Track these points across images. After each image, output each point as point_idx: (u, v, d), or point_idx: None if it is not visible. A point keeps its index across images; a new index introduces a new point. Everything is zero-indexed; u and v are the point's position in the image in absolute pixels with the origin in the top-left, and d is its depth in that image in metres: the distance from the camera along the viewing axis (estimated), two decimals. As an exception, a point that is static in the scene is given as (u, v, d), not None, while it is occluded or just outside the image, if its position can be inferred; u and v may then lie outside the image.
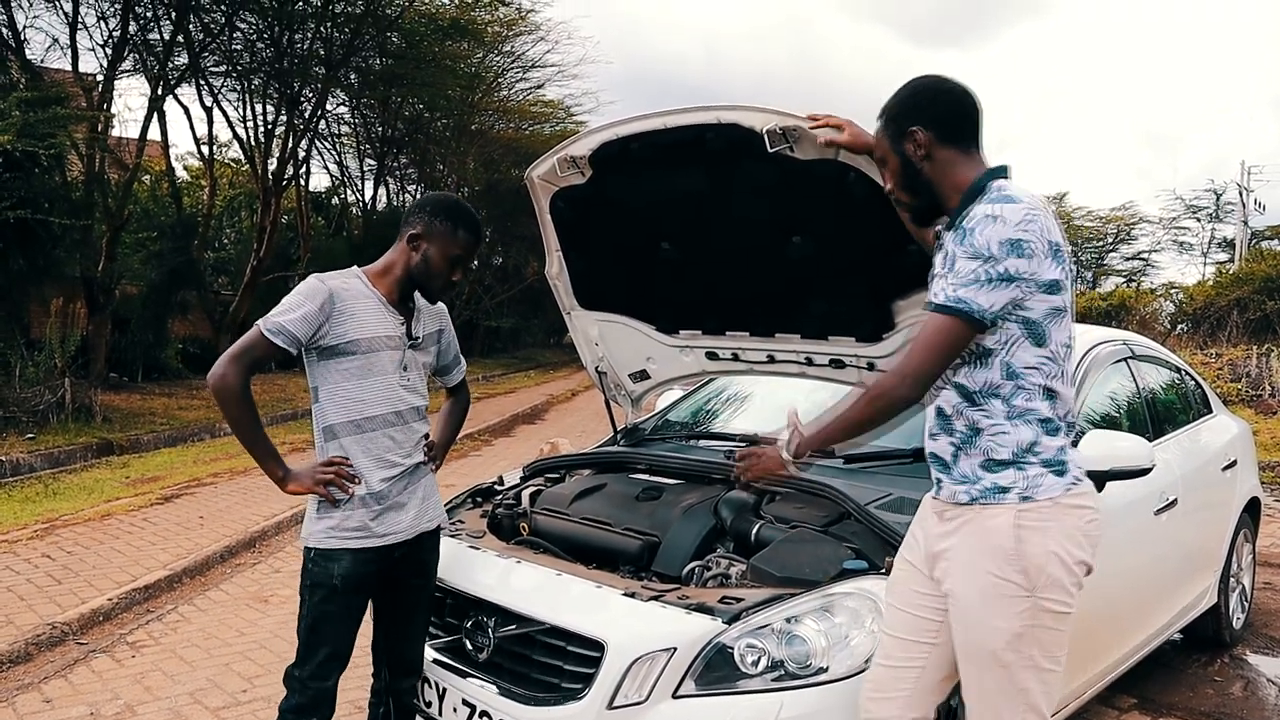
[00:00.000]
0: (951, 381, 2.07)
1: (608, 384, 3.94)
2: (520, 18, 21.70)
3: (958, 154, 2.07)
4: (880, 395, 2.05)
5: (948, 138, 2.07)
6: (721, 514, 2.97)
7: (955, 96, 2.09)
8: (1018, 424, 2.02)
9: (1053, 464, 2.02)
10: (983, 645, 2.02)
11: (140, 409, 12.55)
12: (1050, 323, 1.99)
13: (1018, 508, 1.99)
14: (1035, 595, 1.98)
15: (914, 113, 2.08)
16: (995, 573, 1.99)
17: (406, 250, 2.61)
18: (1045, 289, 1.96)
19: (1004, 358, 2.01)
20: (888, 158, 2.15)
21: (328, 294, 2.52)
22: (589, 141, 3.10)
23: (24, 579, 5.45)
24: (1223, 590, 4.37)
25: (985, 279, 1.92)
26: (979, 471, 2.04)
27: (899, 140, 2.10)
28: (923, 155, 2.07)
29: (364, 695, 2.97)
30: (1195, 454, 4.10)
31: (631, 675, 2.33)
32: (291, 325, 2.47)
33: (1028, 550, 1.98)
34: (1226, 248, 38.04)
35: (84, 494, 8.06)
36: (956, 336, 1.97)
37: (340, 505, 2.55)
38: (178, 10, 14.50)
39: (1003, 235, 1.90)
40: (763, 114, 2.66)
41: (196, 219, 17.67)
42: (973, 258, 1.93)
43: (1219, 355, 16.35)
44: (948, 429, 2.10)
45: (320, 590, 2.55)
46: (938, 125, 2.06)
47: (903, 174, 2.12)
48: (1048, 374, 2.01)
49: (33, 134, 10.24)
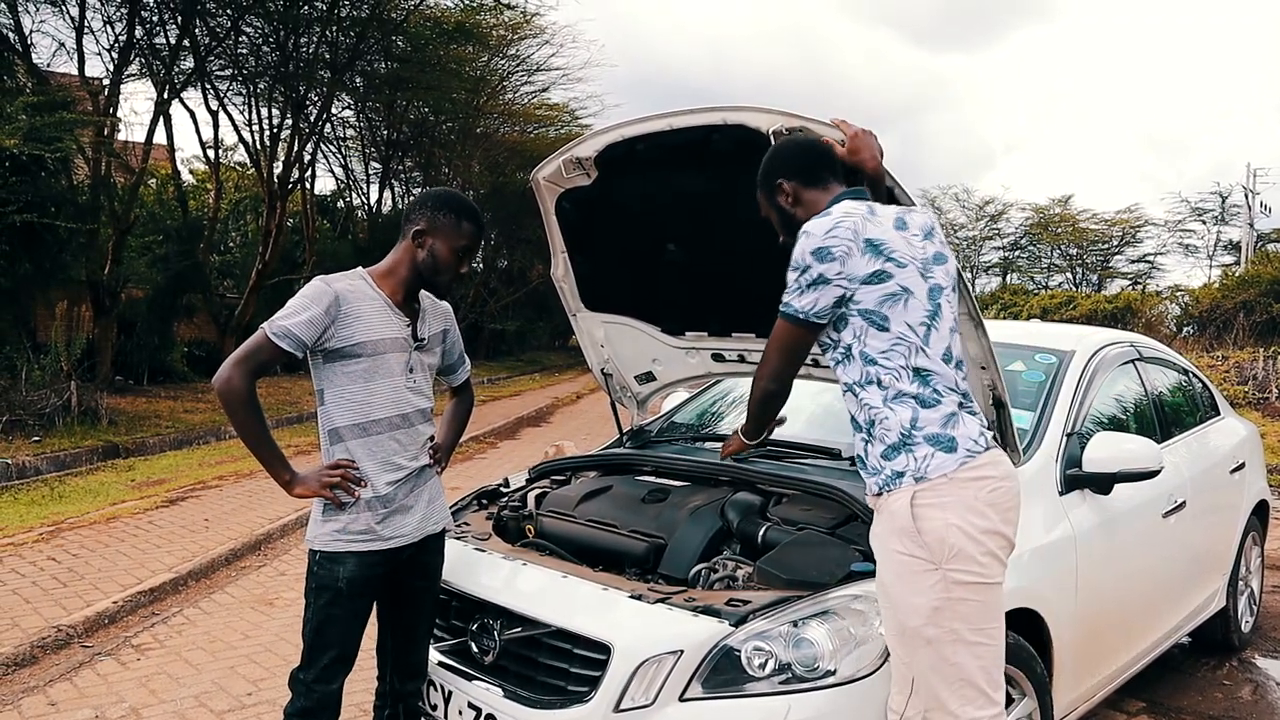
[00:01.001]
0: (843, 384, 2.30)
1: (613, 386, 3.93)
2: (525, 21, 21.74)
3: (819, 193, 2.35)
4: (753, 385, 2.42)
5: (809, 180, 2.36)
6: (728, 516, 2.96)
7: (807, 146, 2.41)
8: (894, 406, 2.20)
9: (939, 440, 2.17)
10: (905, 623, 2.15)
11: (146, 412, 12.58)
12: (888, 307, 2.20)
13: (914, 489, 2.15)
14: (943, 568, 2.11)
15: (776, 170, 2.40)
16: (901, 550, 2.15)
17: (411, 248, 2.60)
18: (865, 280, 2.18)
19: (860, 349, 2.23)
20: (770, 212, 2.45)
21: (333, 297, 2.51)
22: (595, 143, 3.09)
23: (29, 581, 5.46)
24: (1231, 593, 4.35)
25: (799, 286, 2.21)
26: (881, 462, 2.21)
27: (773, 195, 2.41)
28: (793, 201, 2.38)
29: (369, 699, 2.96)
30: (1203, 456, 4.08)
31: (638, 678, 2.32)
32: (297, 329, 2.46)
33: (926, 526, 2.12)
34: (1232, 250, 37.94)
35: (89, 497, 8.07)
36: (789, 335, 2.27)
37: (346, 508, 2.55)
38: (184, 14, 14.55)
39: (808, 246, 2.19)
40: (769, 115, 2.65)
41: (202, 222, 17.74)
42: (792, 269, 2.23)
43: (1225, 358, 16.30)
44: (856, 427, 2.30)
45: (325, 593, 2.55)
46: (796, 173, 2.37)
47: (783, 222, 2.41)
48: (905, 353, 2.20)
49: (39, 138, 10.27)
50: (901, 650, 2.19)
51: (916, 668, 2.16)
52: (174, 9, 14.72)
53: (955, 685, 2.13)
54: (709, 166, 2.91)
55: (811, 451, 3.39)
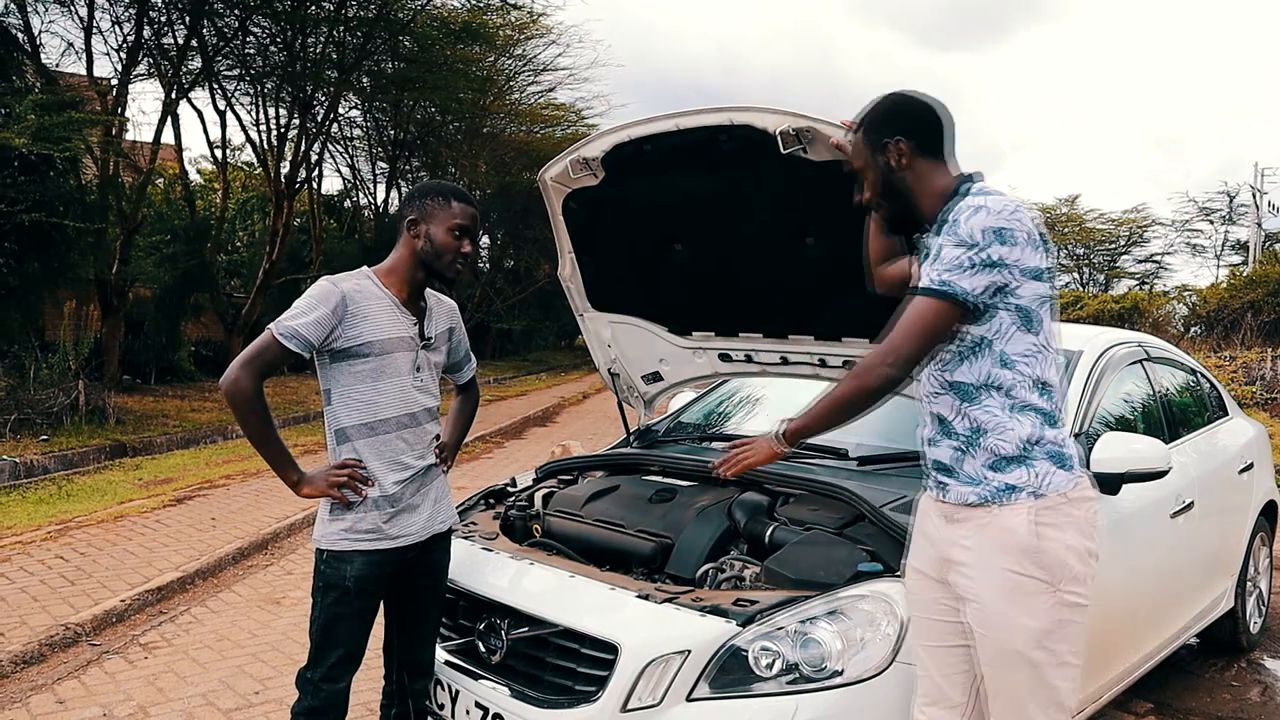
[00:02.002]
0: (949, 382, 2.10)
1: (620, 386, 3.94)
2: (532, 21, 21.73)
3: (933, 164, 2.16)
4: (867, 372, 2.07)
5: (924, 149, 2.15)
6: (735, 516, 2.96)
7: (932, 110, 2.18)
8: (1018, 417, 2.04)
9: (1057, 458, 2.04)
10: (1009, 645, 2.02)
11: (153, 411, 12.61)
12: (1040, 308, 2.04)
13: (1032, 505, 2.01)
14: (1058, 590, 2.00)
15: (895, 124, 2.16)
16: (1017, 570, 2.00)
17: (409, 239, 2.62)
18: (1032, 275, 2.01)
19: (999, 346, 2.05)
20: (868, 167, 2.21)
21: (340, 297, 2.51)
22: (602, 143, 3.10)
23: (38, 580, 5.48)
24: (1239, 594, 4.34)
25: (970, 264, 1.98)
26: (986, 472, 2.06)
27: (880, 151, 2.17)
28: (903, 165, 2.15)
29: (376, 697, 2.97)
30: (1211, 456, 4.07)
31: (645, 678, 2.32)
32: (304, 329, 2.47)
33: (1047, 546, 1.99)
34: (1240, 250, 37.81)
35: (97, 495, 8.10)
36: (940, 318, 2.02)
37: (354, 507, 2.55)
38: (191, 15, 14.57)
39: (987, 223, 1.98)
40: (776, 115, 2.65)
41: (210, 222, 17.76)
42: (958, 245, 1.99)
43: (1233, 358, 16.25)
44: (948, 433, 2.12)
45: (333, 592, 2.55)
46: (915, 137, 2.15)
47: (883, 183, 2.20)
48: (1040, 363, 2.05)
49: (48, 137, 10.29)
50: (995, 670, 2.07)
51: (1011, 688, 2.05)
52: (182, 9, 14.75)
53: (1049, 709, 2.04)
54: (716, 167, 2.91)
55: (819, 452, 3.39)
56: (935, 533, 2.17)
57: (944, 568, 2.14)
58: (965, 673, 2.19)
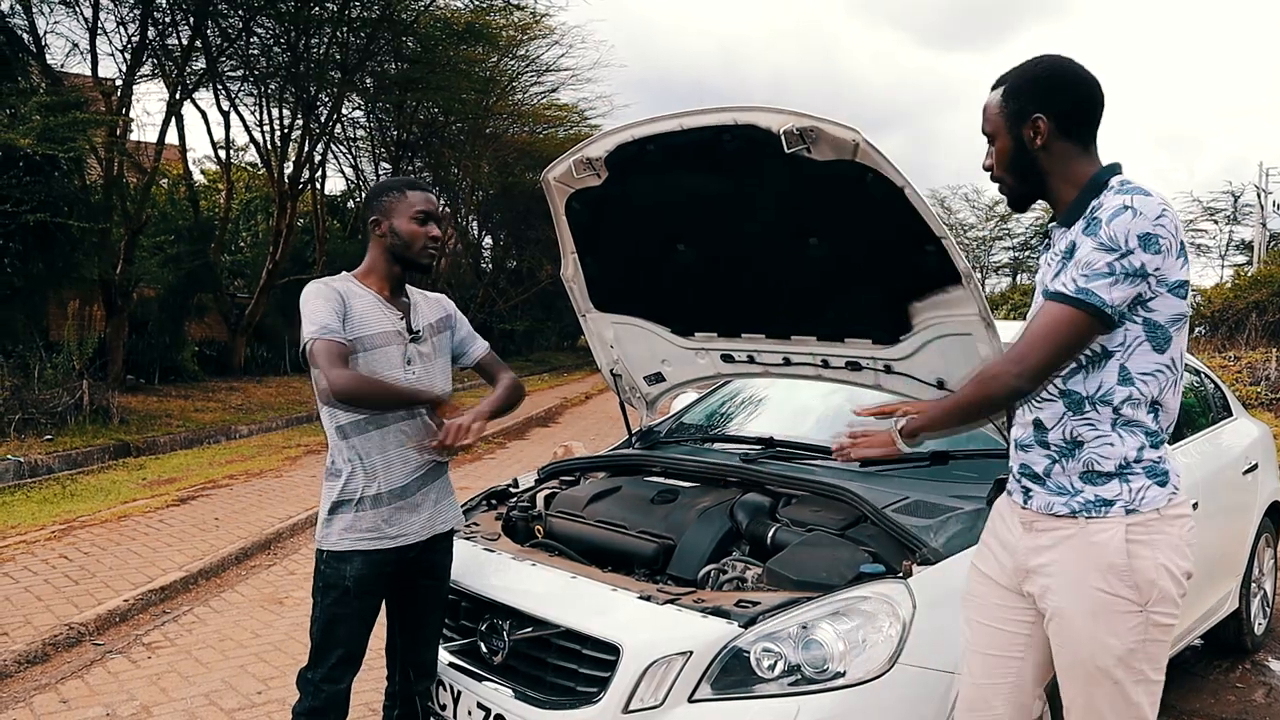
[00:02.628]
0: (1061, 390, 1.97)
1: (623, 386, 3.93)
2: (535, 22, 21.74)
3: (1076, 148, 1.98)
4: (993, 379, 1.93)
5: (1070, 131, 1.97)
6: (737, 517, 2.96)
7: (1087, 89, 1.97)
8: (1123, 435, 1.93)
9: (1155, 474, 1.93)
10: (1092, 662, 1.94)
11: (157, 411, 12.62)
12: (1175, 328, 1.91)
13: (1126, 521, 1.90)
14: (1147, 610, 1.90)
15: (1041, 98, 1.96)
16: (1105, 589, 1.91)
17: (377, 239, 2.67)
18: (1173, 290, 1.87)
19: (1122, 360, 1.91)
20: (1000, 136, 2.03)
21: (336, 293, 2.56)
22: (605, 143, 3.09)
23: (41, 579, 5.49)
24: (1244, 595, 4.32)
25: (1113, 272, 1.81)
26: (1078, 483, 1.95)
27: (1018, 123, 1.98)
28: (1040, 144, 1.97)
29: (378, 698, 2.97)
30: (1216, 457, 4.06)
31: (647, 679, 2.32)
32: (332, 321, 2.50)
33: (1139, 565, 1.90)
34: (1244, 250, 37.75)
35: (101, 495, 8.11)
36: (1079, 331, 1.85)
37: (352, 506, 2.55)
38: (196, 16, 14.60)
39: (1139, 228, 1.81)
40: (779, 115, 2.64)
41: (213, 222, 17.80)
42: (1104, 249, 1.82)
43: (1237, 358, 16.21)
44: (1042, 442, 2.01)
45: (333, 592, 2.56)
46: (1063, 117, 1.96)
47: (1014, 158, 2.02)
48: (1162, 383, 1.92)
49: (53, 138, 10.32)
50: (1074, 684, 1.99)
51: (1091, 704, 1.98)
52: (186, 10, 14.78)
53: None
54: (719, 167, 2.90)
55: (821, 453, 3.39)
56: (1014, 540, 2.07)
57: (1021, 577, 2.05)
58: (1013, 685, 2.12)
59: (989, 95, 2.05)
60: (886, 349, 3.11)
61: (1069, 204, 1.98)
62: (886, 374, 3.19)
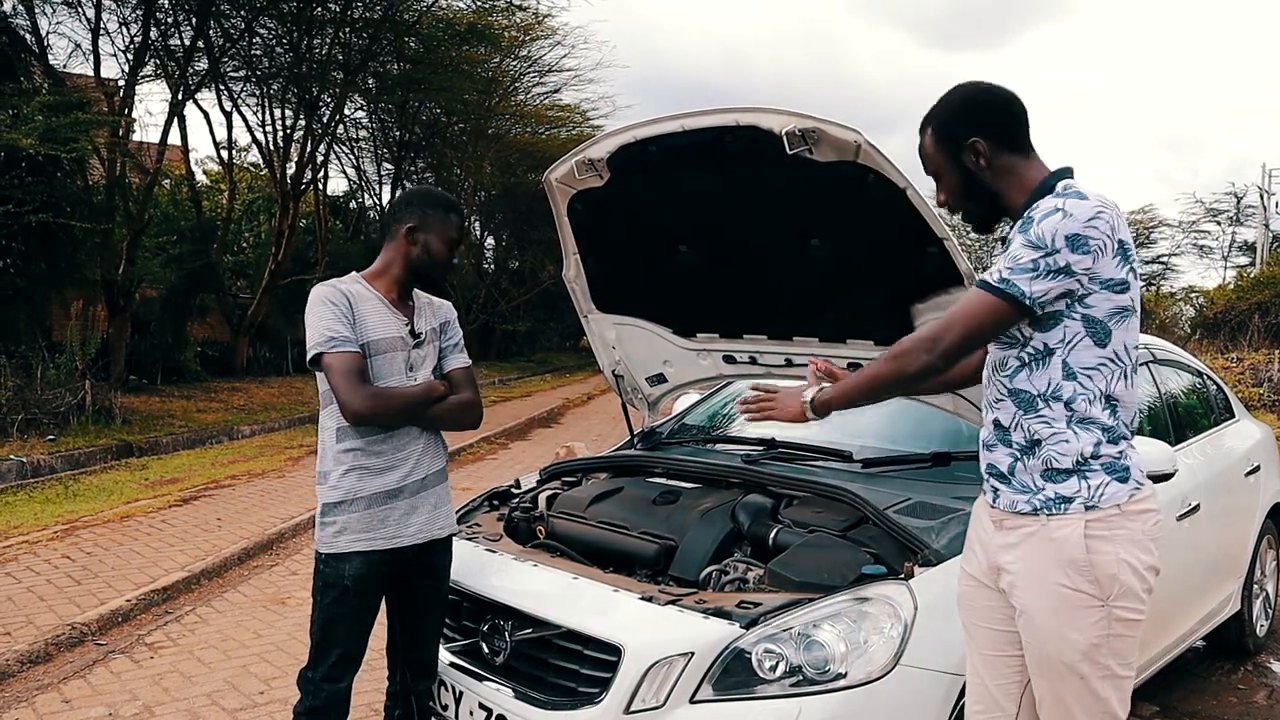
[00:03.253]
0: (1010, 389, 2.02)
1: (625, 387, 3.94)
2: (537, 23, 21.75)
3: (1018, 159, 2.06)
4: (903, 355, 2.01)
5: (1006, 143, 2.05)
6: (739, 518, 2.96)
7: (1007, 101, 2.07)
8: (1079, 431, 1.96)
9: (1115, 469, 1.96)
10: (1058, 658, 1.97)
11: (159, 411, 12.64)
12: (1114, 322, 1.95)
13: (1085, 517, 1.94)
14: (1109, 605, 1.93)
15: (969, 124, 2.05)
16: (1066, 584, 1.94)
17: (404, 245, 2.66)
18: (1110, 287, 1.93)
19: (1064, 356, 1.96)
20: (944, 171, 2.11)
21: (343, 297, 2.57)
22: (607, 144, 3.09)
23: (44, 580, 5.49)
24: (1246, 597, 4.32)
25: (1035, 267, 1.89)
26: (1039, 480, 1.99)
27: (957, 153, 2.07)
28: (984, 165, 2.05)
29: (380, 698, 2.97)
30: (1218, 459, 4.06)
31: (649, 680, 2.32)
32: (342, 330, 2.52)
33: (1098, 560, 1.92)
34: (1247, 251, 37.66)
35: (103, 495, 8.12)
36: (993, 315, 1.93)
37: (346, 508, 2.57)
38: (198, 16, 14.62)
39: (1067, 229, 1.88)
40: (781, 116, 2.65)
41: (216, 223, 17.81)
42: (1031, 246, 1.90)
43: (1240, 360, 16.19)
44: (1005, 441, 2.05)
45: (332, 591, 2.57)
46: (995, 134, 2.04)
47: (965, 186, 2.10)
48: (1109, 376, 1.96)
49: (55, 138, 10.33)
50: (1043, 679, 2.03)
51: (1059, 699, 2.01)
52: (188, 11, 14.80)
53: (1098, 718, 2.00)
54: (721, 167, 2.91)
55: (822, 454, 3.39)
56: (987, 538, 2.12)
57: (995, 574, 2.09)
58: (1017, 682, 2.13)
59: (921, 140, 2.13)
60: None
61: (1020, 208, 2.05)
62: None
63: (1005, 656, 2.14)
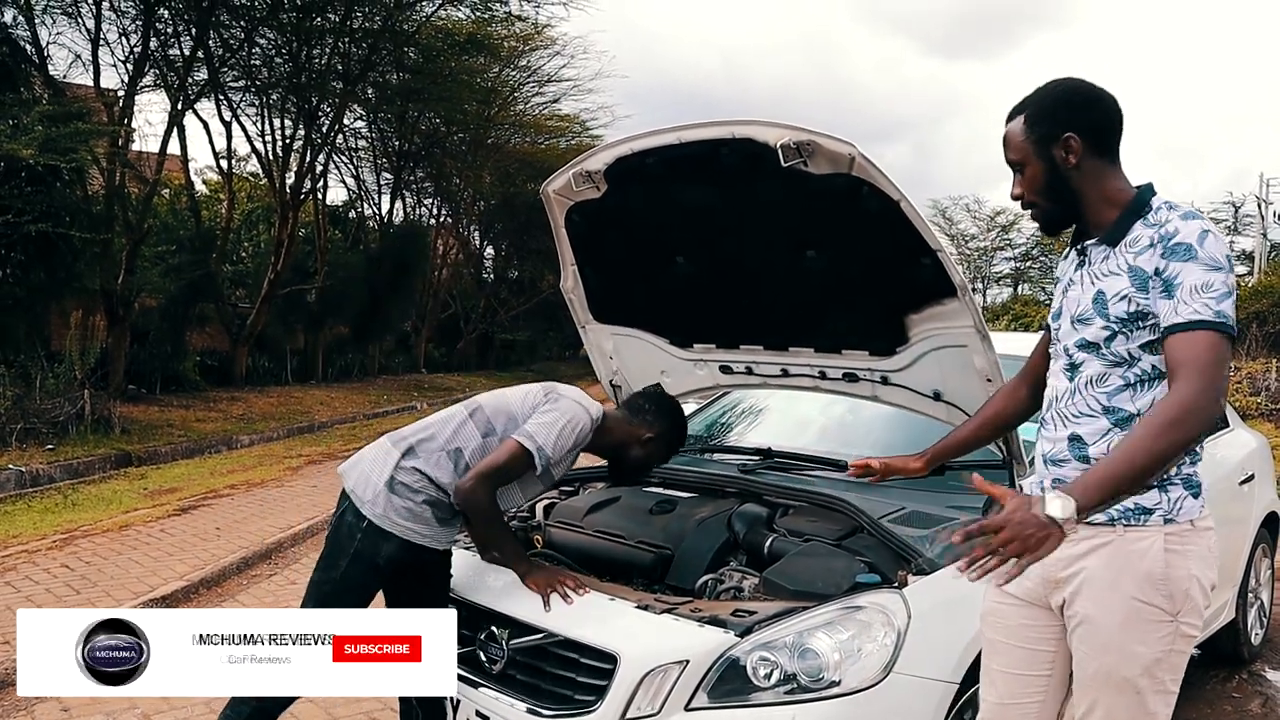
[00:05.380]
0: (1107, 407, 1.96)
1: (622, 398, 3.95)
2: (536, 33, 21.85)
3: (1107, 165, 1.99)
4: (1193, 415, 1.77)
5: (1100, 148, 1.98)
6: (735, 527, 2.97)
7: (1111, 104, 1.99)
8: None
9: (1191, 484, 1.94)
10: (1118, 671, 1.94)
11: (158, 420, 12.64)
12: None
13: (1164, 530, 1.90)
14: (1178, 620, 1.91)
15: (1068, 119, 1.96)
16: (1140, 597, 1.91)
17: (630, 436, 2.94)
18: None
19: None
20: (1029, 162, 2.01)
21: (588, 436, 2.86)
22: (604, 156, 3.12)
23: (43, 588, 5.50)
24: (1240, 606, 4.33)
25: (1230, 289, 1.83)
26: None
27: (1048, 145, 1.98)
28: (1073, 163, 1.97)
29: (380, 702, 2.98)
30: (1212, 468, 4.04)
31: (644, 688, 2.34)
32: (558, 454, 2.77)
33: (1174, 575, 1.90)
34: (1245, 260, 37.76)
35: (102, 505, 8.13)
36: (1227, 353, 1.83)
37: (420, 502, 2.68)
38: (198, 26, 14.69)
39: (1224, 248, 1.86)
40: (777, 128, 2.67)
41: (215, 232, 17.84)
42: (1213, 269, 1.82)
43: (1237, 369, 16.21)
44: (1082, 456, 1.98)
45: (361, 562, 2.64)
46: (1092, 134, 1.96)
47: (1048, 181, 2.00)
48: None
49: (55, 148, 10.36)
50: (1094, 693, 1.99)
51: (1110, 712, 1.98)
52: (188, 21, 14.86)
53: None
54: (718, 180, 2.93)
55: (818, 463, 3.41)
56: None
57: (1049, 589, 2.03)
58: (1041, 704, 2.11)
59: (1009, 124, 2.04)
60: (883, 360, 3.14)
61: (1110, 223, 1.98)
62: (883, 385, 3.21)
63: (1033, 676, 2.11)
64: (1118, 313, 1.93)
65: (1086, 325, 1.99)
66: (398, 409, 17.54)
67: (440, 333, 29.55)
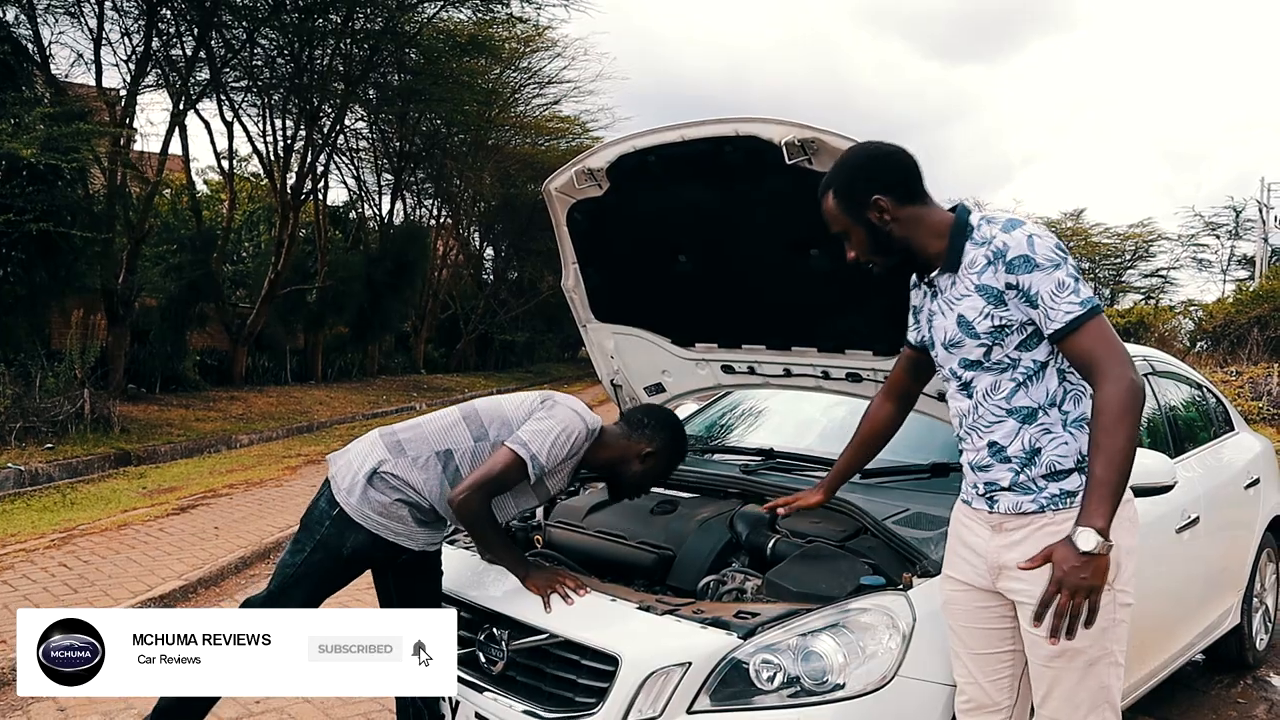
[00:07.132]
0: (1009, 409, 2.12)
1: (623, 397, 3.93)
2: (537, 34, 21.84)
3: (919, 207, 2.16)
4: (1126, 400, 1.93)
5: (907, 196, 2.15)
6: (737, 528, 2.95)
7: (900, 159, 2.18)
8: (1074, 431, 2.08)
9: None
10: (1068, 644, 2.00)
11: (158, 420, 12.62)
12: None
13: None
14: (1113, 589, 2.04)
15: (868, 184, 2.15)
16: None
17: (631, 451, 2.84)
18: None
19: (1057, 365, 2.09)
20: (851, 230, 2.20)
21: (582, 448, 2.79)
22: (607, 154, 3.10)
23: (41, 587, 5.48)
24: (1246, 611, 4.31)
25: (1077, 275, 2.01)
26: (1042, 482, 2.10)
27: (861, 211, 2.16)
28: (888, 219, 2.14)
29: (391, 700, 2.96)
30: (1217, 471, 4.05)
31: (646, 690, 2.32)
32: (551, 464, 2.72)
33: None
34: (1246, 265, 37.72)
35: (101, 504, 8.11)
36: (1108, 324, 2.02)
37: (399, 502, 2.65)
38: (200, 26, 14.68)
39: (1054, 241, 2.03)
40: (781, 126, 2.65)
41: (216, 232, 17.82)
42: (1057, 267, 2.00)
43: (1239, 373, 16.19)
44: (1002, 458, 2.14)
45: (325, 550, 2.63)
46: (895, 189, 2.14)
47: (873, 240, 2.18)
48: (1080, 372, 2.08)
49: (56, 148, 10.35)
50: (1049, 669, 2.11)
51: (1064, 688, 2.09)
52: (190, 21, 14.85)
53: (1101, 709, 2.10)
54: (721, 178, 2.91)
55: (821, 464, 3.38)
56: (982, 544, 2.20)
57: (995, 575, 2.17)
58: (1010, 676, 2.24)
59: (824, 202, 2.22)
60: (887, 360, 3.11)
61: (943, 251, 2.15)
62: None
63: (998, 653, 2.24)
64: (983, 329, 2.10)
65: (960, 348, 2.17)
66: (397, 409, 17.52)
67: (440, 333, 29.54)
